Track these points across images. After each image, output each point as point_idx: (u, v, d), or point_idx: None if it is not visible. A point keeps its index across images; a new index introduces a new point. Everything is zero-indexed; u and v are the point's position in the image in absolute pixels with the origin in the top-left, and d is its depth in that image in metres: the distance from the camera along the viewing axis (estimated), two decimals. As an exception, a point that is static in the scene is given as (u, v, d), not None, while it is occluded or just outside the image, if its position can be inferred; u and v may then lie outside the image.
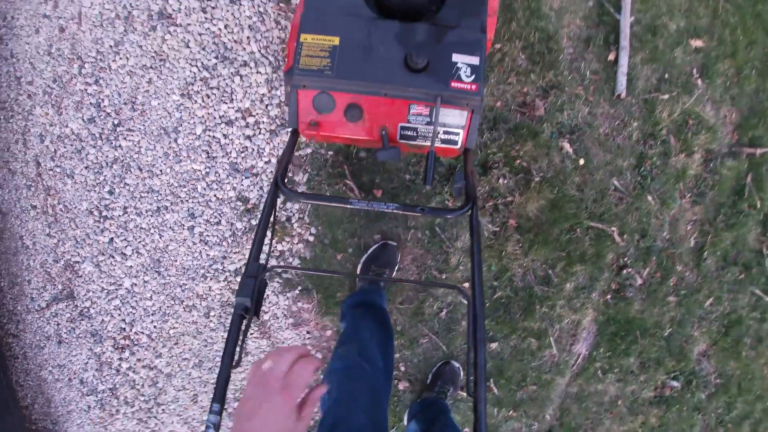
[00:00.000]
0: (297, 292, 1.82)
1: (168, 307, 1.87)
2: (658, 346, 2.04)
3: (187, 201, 1.77)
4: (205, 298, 1.84)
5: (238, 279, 1.76)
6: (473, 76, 1.08)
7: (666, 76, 1.85)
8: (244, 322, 0.89)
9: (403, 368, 1.94)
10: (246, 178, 1.74)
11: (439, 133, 1.12)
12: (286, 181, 1.08)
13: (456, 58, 1.08)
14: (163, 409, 2.04)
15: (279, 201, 1.77)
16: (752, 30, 1.94)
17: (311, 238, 1.78)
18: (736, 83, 1.95)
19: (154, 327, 1.91)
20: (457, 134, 1.14)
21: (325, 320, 1.82)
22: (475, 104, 1.09)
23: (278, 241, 1.78)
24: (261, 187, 1.75)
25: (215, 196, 1.76)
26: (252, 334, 1.87)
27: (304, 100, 1.08)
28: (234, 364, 0.84)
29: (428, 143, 1.14)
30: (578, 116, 1.78)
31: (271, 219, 1.04)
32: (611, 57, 1.81)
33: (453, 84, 1.07)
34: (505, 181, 1.76)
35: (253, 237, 1.10)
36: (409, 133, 1.12)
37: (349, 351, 1.33)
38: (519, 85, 1.75)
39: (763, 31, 1.93)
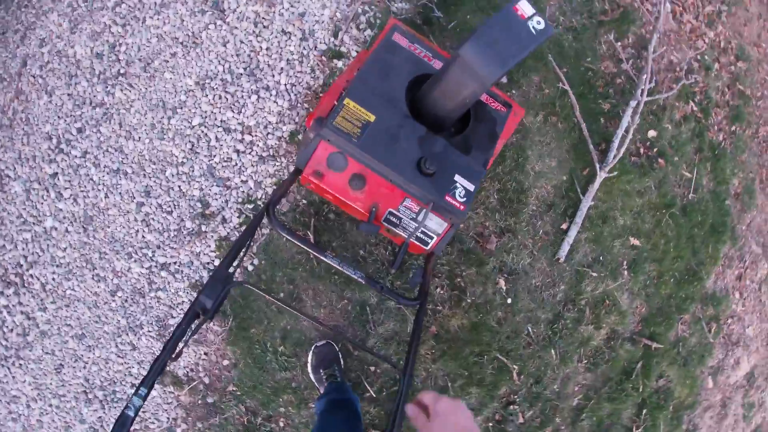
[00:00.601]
0: None
1: (78, 267, 1.77)
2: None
3: (149, 177, 1.76)
4: (119, 276, 1.78)
5: (162, 273, 1.81)
6: (465, 199, 1.30)
7: (601, 258, 2.15)
8: (197, 320, 0.93)
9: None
10: (217, 186, 1.79)
11: (418, 230, 1.32)
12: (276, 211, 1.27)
13: (457, 178, 1.30)
14: (20, 365, 1.84)
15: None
16: (682, 247, 2.28)
17: (250, 268, 1.86)
18: (655, 284, 2.26)
19: (53, 279, 1.78)
20: (432, 238, 1.36)
21: (227, 349, 1.87)
22: (456, 221, 1.31)
23: (218, 255, 1.85)
24: (226, 201, 1.80)
25: (179, 187, 1.77)
26: (150, 332, 1.86)
27: (322, 151, 1.25)
28: (174, 356, 0.88)
29: (405, 235, 1.34)
30: (520, 263, 2.03)
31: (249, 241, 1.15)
32: (563, 226, 2.09)
33: (447, 198, 1.28)
34: (442, 292, 1.97)
35: (230, 246, 1.26)
36: (394, 219, 1.32)
37: None
38: (483, 218, 2.00)
39: (690, 250, 2.27)
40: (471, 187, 1.30)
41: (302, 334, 1.90)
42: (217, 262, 1.87)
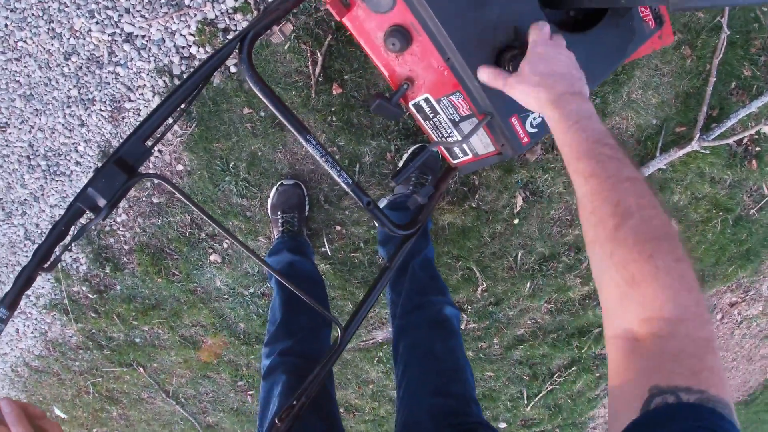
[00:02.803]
0: None
1: (35, 16, 1.46)
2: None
3: None
4: (77, 37, 1.47)
5: (126, 45, 1.45)
6: (535, 131, 0.91)
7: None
8: (83, 218, 0.67)
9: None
10: None
11: (456, 144, 0.95)
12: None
13: None
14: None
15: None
16: (710, 253, 2.05)
17: (233, 69, 1.51)
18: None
19: (5, 26, 1.48)
20: (465, 155, 1.01)
21: (184, 154, 1.63)
22: (509, 152, 0.93)
23: (196, 42, 1.45)
24: None
25: None
26: (102, 110, 1.57)
27: None
28: (46, 265, 0.66)
29: (434, 135, 0.98)
30: (550, 188, 1.76)
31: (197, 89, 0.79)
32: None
33: (513, 119, 0.88)
34: (450, 182, 1.71)
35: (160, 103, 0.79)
36: (427, 110, 0.94)
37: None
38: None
39: (714, 259, 2.06)
40: None
41: (273, 165, 1.64)
42: (194, 51, 1.48)
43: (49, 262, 0.68)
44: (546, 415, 2.54)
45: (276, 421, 0.84)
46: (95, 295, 2.00)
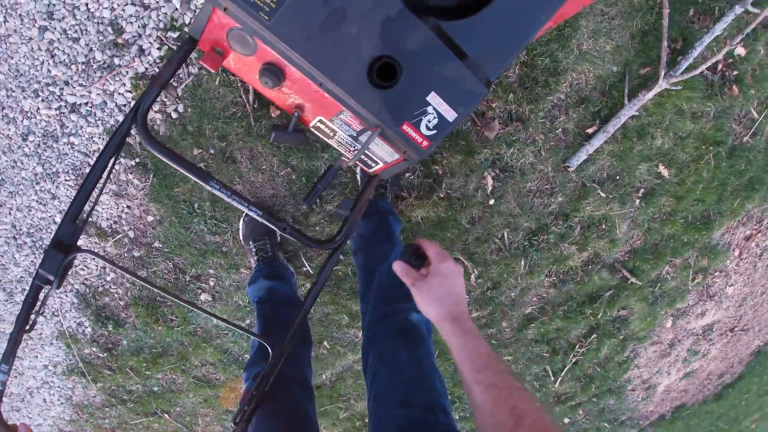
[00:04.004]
0: (133, 162, 1.59)
1: None
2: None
3: None
4: (29, 118, 1.54)
5: (72, 115, 1.51)
6: (434, 132, 0.83)
7: (617, 177, 1.81)
8: (43, 290, 0.83)
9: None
10: (133, 4, 1.40)
11: (358, 155, 0.90)
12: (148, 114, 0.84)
13: (432, 99, 0.81)
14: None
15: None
16: (710, 191, 1.93)
17: (174, 115, 1.52)
18: (662, 221, 1.98)
19: None
20: (376, 163, 0.96)
21: (151, 205, 1.65)
22: (413, 157, 0.87)
23: (134, 97, 1.48)
24: (144, 25, 1.41)
25: (87, 5, 1.40)
26: (67, 180, 1.64)
27: (219, 22, 0.78)
28: (27, 328, 0.80)
29: (342, 150, 0.94)
30: (520, 161, 1.69)
31: (109, 166, 0.84)
32: (590, 130, 1.70)
33: (404, 127, 0.82)
34: (412, 177, 1.66)
35: (79, 186, 0.96)
36: (327, 131, 0.91)
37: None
38: (492, 95, 1.59)
39: (716, 196, 1.93)
40: (451, 117, 0.82)
41: None
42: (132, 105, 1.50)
43: (29, 325, 0.83)
44: (578, 388, 2.45)
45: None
46: (105, 354, 2.05)
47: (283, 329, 1.42)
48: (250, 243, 1.65)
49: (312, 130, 0.93)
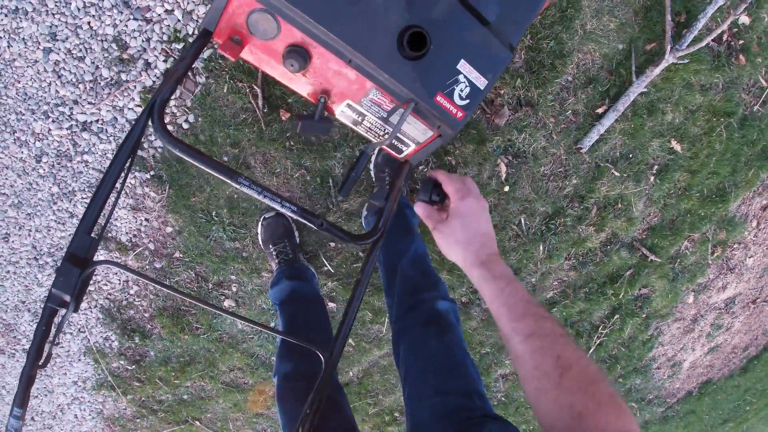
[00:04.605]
0: (148, 176, 1.62)
1: None
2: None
3: (54, 15, 1.41)
4: (41, 139, 1.56)
5: (84, 134, 1.53)
6: (467, 102, 0.83)
7: (630, 155, 1.81)
8: (59, 314, 0.72)
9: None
10: (135, 19, 1.41)
11: (390, 138, 0.88)
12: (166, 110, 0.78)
13: (462, 66, 0.81)
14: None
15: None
16: (724, 163, 1.92)
17: (185, 126, 1.54)
18: (678, 196, 1.97)
19: None
20: (408, 146, 0.95)
21: (169, 216, 1.67)
22: (448, 132, 0.87)
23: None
24: (148, 39, 1.43)
25: (89, 23, 1.42)
26: (84, 198, 1.66)
27: (238, 7, 0.77)
28: (41, 362, 0.69)
29: (370, 137, 0.92)
30: (532, 146, 1.70)
31: (125, 169, 0.77)
32: (600, 110, 1.70)
33: (438, 98, 0.82)
34: (425, 170, 1.67)
35: (91, 197, 0.78)
36: (354, 115, 0.90)
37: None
38: (500, 82, 1.59)
39: (730, 167, 1.92)
40: (482, 84, 0.83)
41: (251, 203, 1.65)
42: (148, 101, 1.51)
43: (42, 359, 0.72)
44: (604, 369, 2.45)
45: None
46: (134, 366, 2.08)
47: (306, 329, 1.44)
48: (270, 246, 1.66)
49: (338, 118, 0.92)
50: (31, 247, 1.79)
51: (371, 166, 1.60)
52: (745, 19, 1.66)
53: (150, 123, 0.81)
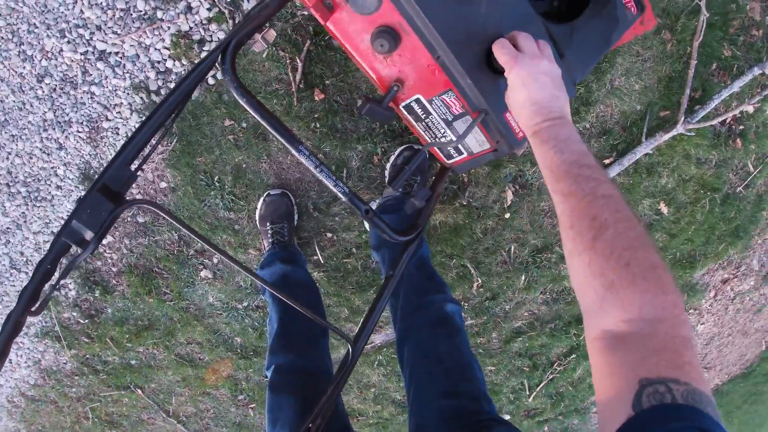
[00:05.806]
0: None
1: (4, 40, 1.42)
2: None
3: None
4: (49, 59, 1.43)
5: (99, 63, 1.41)
6: None
7: (622, 209, 1.90)
8: (71, 252, 0.61)
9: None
10: None
11: (451, 144, 0.92)
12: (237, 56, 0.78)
13: None
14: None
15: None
16: (700, 233, 2.06)
17: (211, 81, 1.48)
18: (654, 255, 2.09)
19: None
20: (460, 154, 0.97)
21: (167, 171, 1.60)
22: (505, 149, 0.90)
23: (172, 55, 1.39)
24: None
25: None
26: (79, 132, 1.53)
27: None
28: (34, 308, 0.61)
29: (427, 137, 0.94)
30: (540, 180, 1.76)
31: (179, 105, 0.75)
32: (607, 161, 1.78)
33: (507, 115, 0.85)
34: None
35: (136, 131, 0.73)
36: (418, 111, 0.91)
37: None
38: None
39: (704, 238, 2.07)
40: None
41: (258, 176, 1.61)
42: (170, 65, 1.43)
43: (37, 305, 0.64)
44: (548, 404, 2.54)
45: None
46: (87, 320, 1.96)
47: (302, 317, 1.41)
48: (267, 224, 1.63)
49: (401, 109, 0.93)
50: (5, 172, 1.65)
51: (387, 165, 1.61)
52: (749, 108, 1.80)
53: (220, 63, 0.78)
